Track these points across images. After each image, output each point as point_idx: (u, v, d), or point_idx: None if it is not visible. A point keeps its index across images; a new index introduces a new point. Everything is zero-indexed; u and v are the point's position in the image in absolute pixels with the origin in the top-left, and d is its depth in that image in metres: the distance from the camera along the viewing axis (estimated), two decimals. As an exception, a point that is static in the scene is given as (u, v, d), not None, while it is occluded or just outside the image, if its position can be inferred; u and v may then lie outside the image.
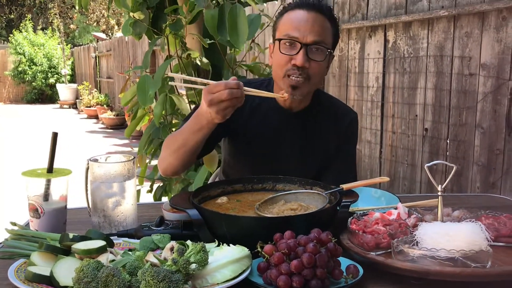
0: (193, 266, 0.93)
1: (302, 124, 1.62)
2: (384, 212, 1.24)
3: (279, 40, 1.48)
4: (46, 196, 1.24)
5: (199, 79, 1.35)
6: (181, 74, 2.56)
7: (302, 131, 1.62)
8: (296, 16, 1.47)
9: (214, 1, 2.45)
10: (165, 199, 2.80)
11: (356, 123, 1.72)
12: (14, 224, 1.17)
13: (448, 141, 3.14)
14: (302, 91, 1.49)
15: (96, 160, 1.29)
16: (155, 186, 2.85)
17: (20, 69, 17.20)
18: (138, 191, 2.48)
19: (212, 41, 2.45)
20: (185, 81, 2.15)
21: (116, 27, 18.94)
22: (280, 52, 1.47)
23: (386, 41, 3.61)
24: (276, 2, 4.87)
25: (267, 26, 2.39)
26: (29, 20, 18.07)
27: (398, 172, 3.60)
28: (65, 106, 16.22)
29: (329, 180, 1.59)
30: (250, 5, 5.09)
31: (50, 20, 19.98)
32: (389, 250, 1.07)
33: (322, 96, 1.70)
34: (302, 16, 1.46)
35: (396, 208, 1.26)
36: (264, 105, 1.61)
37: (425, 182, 3.36)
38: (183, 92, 2.80)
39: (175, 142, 1.47)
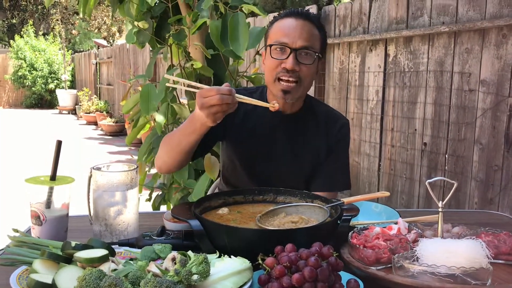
0: (195, 277, 0.93)
1: (294, 126, 1.68)
2: (385, 227, 1.24)
3: (270, 46, 1.56)
4: (49, 204, 1.25)
5: (193, 83, 1.38)
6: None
7: (294, 133, 1.68)
8: (285, 24, 1.56)
9: (218, 12, 2.47)
10: (164, 208, 2.80)
11: (348, 129, 1.75)
12: (16, 230, 1.17)
13: (446, 156, 3.15)
14: (293, 95, 1.56)
15: (99, 169, 1.30)
16: (154, 194, 2.85)
17: (20, 73, 17.22)
18: (137, 200, 2.48)
19: (216, 52, 2.47)
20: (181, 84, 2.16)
21: (117, 34, 19.01)
22: (271, 57, 1.55)
23: (386, 55, 3.64)
24: (276, 14, 4.90)
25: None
26: (31, 25, 18.12)
27: (396, 185, 3.61)
28: (64, 111, 16.23)
29: (320, 183, 1.66)
30: (257, 16, 5.13)
31: (51, 26, 20.05)
32: (389, 265, 1.08)
33: (314, 101, 1.76)
34: (291, 23, 1.55)
35: (396, 223, 1.27)
36: (258, 107, 1.66)
37: (423, 197, 3.37)
38: (185, 101, 2.81)
39: (170, 141, 1.54)
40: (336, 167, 1.71)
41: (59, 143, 1.27)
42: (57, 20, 18.49)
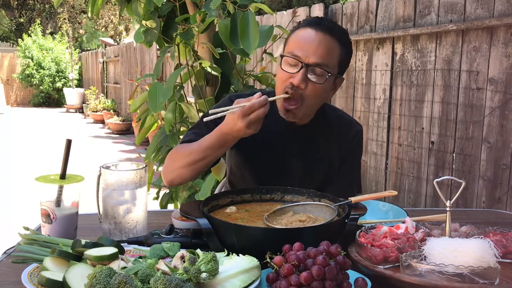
0: (204, 275, 0.94)
1: (306, 137, 1.63)
2: (392, 226, 1.25)
3: (282, 57, 1.50)
4: (58, 202, 1.26)
5: (234, 106, 1.36)
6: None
7: (306, 144, 1.63)
8: (304, 35, 1.47)
9: (226, 11, 2.47)
10: (171, 206, 2.82)
11: (361, 136, 1.72)
12: (26, 229, 1.18)
13: (454, 154, 3.14)
14: (295, 114, 1.51)
15: (108, 167, 1.31)
16: (161, 193, 2.87)
17: (27, 72, 17.34)
18: (145, 198, 2.49)
19: (223, 50, 2.48)
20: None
21: (124, 32, 19.07)
22: (282, 68, 1.49)
23: (394, 53, 3.63)
24: (284, 13, 4.91)
25: (279, 37, 2.41)
26: (39, 24, 18.22)
27: (403, 184, 3.60)
28: (71, 110, 16.33)
29: (334, 194, 1.61)
30: (263, 15, 5.13)
31: (59, 25, 20.14)
32: (397, 264, 1.08)
33: (328, 108, 1.70)
34: (309, 35, 1.46)
35: (404, 222, 1.27)
36: (269, 117, 1.61)
37: (430, 196, 3.36)
38: (192, 100, 2.82)
39: (189, 156, 1.48)
40: (350, 178, 1.70)
41: (69, 142, 1.29)
42: (65, 19, 18.57)
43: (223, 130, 1.39)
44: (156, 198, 2.88)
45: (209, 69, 2.49)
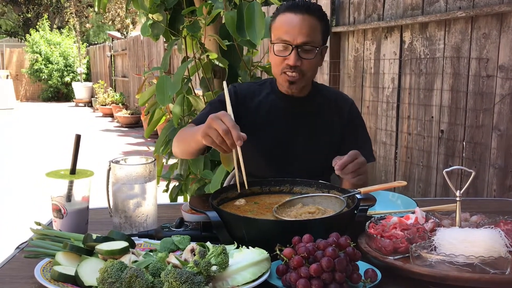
0: (214, 268, 0.95)
1: (306, 108, 1.76)
2: (402, 216, 1.24)
3: (273, 44, 1.64)
4: (69, 197, 1.27)
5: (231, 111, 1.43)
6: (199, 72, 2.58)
7: (307, 114, 1.76)
8: (286, 20, 1.61)
9: (232, 3, 2.46)
10: (181, 198, 2.83)
11: (356, 107, 1.87)
12: (38, 224, 1.20)
13: (464, 143, 3.12)
14: (298, 85, 1.67)
15: (117, 162, 1.31)
16: (171, 185, 2.88)
17: (36, 67, 17.43)
18: (155, 191, 2.51)
19: (230, 42, 2.47)
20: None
21: (131, 26, 19.07)
22: (274, 54, 1.64)
23: (402, 42, 3.59)
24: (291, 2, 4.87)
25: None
26: (46, 19, 18.27)
27: (413, 174, 3.59)
28: (80, 104, 16.41)
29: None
30: (270, 5, 5.10)
31: (66, 19, 20.19)
32: (407, 255, 1.08)
33: (320, 85, 1.86)
34: (291, 19, 1.60)
35: (413, 213, 1.26)
36: (270, 95, 1.77)
37: (440, 185, 3.34)
38: (200, 92, 2.82)
39: (182, 138, 1.66)
40: (357, 144, 1.77)
41: (78, 137, 1.29)
42: (71, 13, 18.61)
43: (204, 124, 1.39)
44: (166, 191, 2.90)
45: (216, 62, 2.48)
